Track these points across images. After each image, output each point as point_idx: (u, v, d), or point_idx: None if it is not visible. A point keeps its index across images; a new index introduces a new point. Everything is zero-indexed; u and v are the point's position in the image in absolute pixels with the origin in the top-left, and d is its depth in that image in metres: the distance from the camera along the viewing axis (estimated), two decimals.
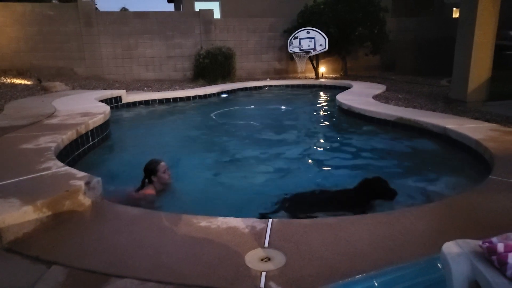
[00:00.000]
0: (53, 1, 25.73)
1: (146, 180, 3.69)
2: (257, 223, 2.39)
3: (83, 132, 4.86)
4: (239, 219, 2.46)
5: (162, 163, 3.70)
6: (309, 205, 3.37)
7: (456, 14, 18.51)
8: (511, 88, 8.37)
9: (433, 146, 4.97)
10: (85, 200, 2.70)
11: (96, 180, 2.85)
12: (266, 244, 2.14)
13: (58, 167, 3.20)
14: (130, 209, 2.73)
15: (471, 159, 4.18)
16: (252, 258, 2.00)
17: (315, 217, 2.92)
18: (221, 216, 2.51)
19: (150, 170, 3.67)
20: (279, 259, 1.99)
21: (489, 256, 1.11)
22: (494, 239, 1.14)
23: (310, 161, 5.05)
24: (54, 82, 9.84)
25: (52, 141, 4.04)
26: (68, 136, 4.39)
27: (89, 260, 2.05)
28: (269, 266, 1.93)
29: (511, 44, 14.40)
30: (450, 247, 1.21)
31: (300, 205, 3.41)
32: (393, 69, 15.16)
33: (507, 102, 7.09)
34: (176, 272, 1.93)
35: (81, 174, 2.98)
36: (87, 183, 2.76)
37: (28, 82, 10.37)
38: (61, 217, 2.51)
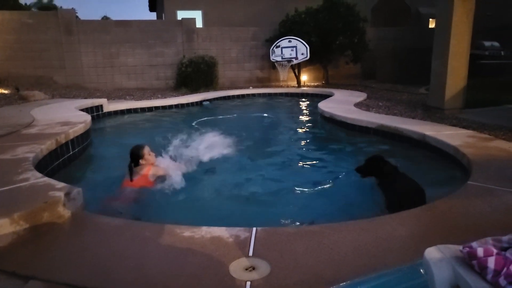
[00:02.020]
0: (33, 9, 25.36)
1: (133, 164, 3.97)
2: (241, 232, 2.38)
3: (63, 141, 4.76)
4: (223, 228, 2.44)
5: (146, 147, 4.10)
6: None
7: (432, 24, 19.03)
8: (485, 95, 8.63)
9: (413, 152, 5.06)
10: (65, 212, 2.64)
11: (77, 191, 2.79)
12: (251, 253, 2.13)
13: (36, 178, 3.12)
14: (111, 220, 2.68)
15: (450, 165, 4.27)
16: (237, 268, 1.99)
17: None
18: (205, 225, 2.49)
19: (137, 155, 4.02)
20: (263, 268, 1.98)
21: (469, 260, 1.13)
22: (474, 244, 1.16)
23: (293, 168, 5.06)
24: (32, 91, 9.63)
25: (30, 151, 3.95)
26: (47, 146, 4.29)
27: (68, 274, 1.99)
28: (254, 275, 1.92)
29: (485, 53, 14.90)
30: (432, 253, 1.23)
31: None
32: (373, 77, 15.45)
33: (482, 110, 7.30)
34: (159, 283, 1.90)
35: (61, 185, 2.91)
36: (67, 194, 2.70)
37: (6, 91, 10.13)
38: (39, 230, 2.44)
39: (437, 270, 1.17)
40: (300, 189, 4.27)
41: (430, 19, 19.73)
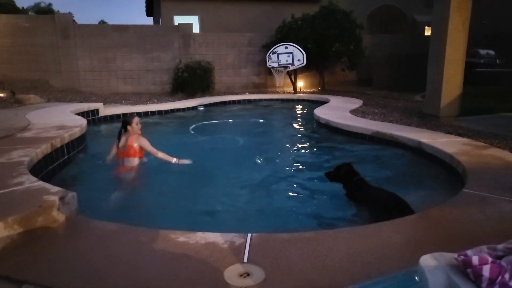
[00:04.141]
0: (30, 13, 25.35)
1: (123, 130, 4.77)
2: (236, 238, 2.37)
3: (58, 145, 4.74)
4: (218, 234, 2.43)
5: (136, 117, 4.83)
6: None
7: (428, 32, 19.18)
8: (481, 103, 8.69)
9: (408, 159, 5.08)
10: (59, 216, 2.62)
11: (71, 195, 2.78)
12: (245, 259, 2.12)
13: (31, 182, 3.11)
14: (106, 224, 2.66)
15: (445, 173, 4.29)
16: (231, 274, 1.98)
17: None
18: (199, 231, 2.48)
19: (126, 121, 4.76)
20: (258, 274, 1.98)
21: (464, 269, 1.13)
22: (469, 252, 1.17)
23: (288, 174, 5.06)
24: (28, 95, 9.61)
25: (25, 155, 3.93)
26: (42, 150, 4.27)
27: (62, 279, 1.98)
28: (248, 281, 1.91)
29: (480, 61, 15.03)
30: (427, 260, 1.23)
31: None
32: (369, 84, 15.51)
33: (477, 117, 7.35)
34: None
35: (56, 189, 2.90)
36: (62, 198, 2.68)
37: (1, 95, 10.09)
38: (33, 234, 2.42)
39: (432, 278, 1.17)
40: (295, 194, 4.27)
41: (426, 27, 19.88)
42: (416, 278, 1.29)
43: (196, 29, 16.20)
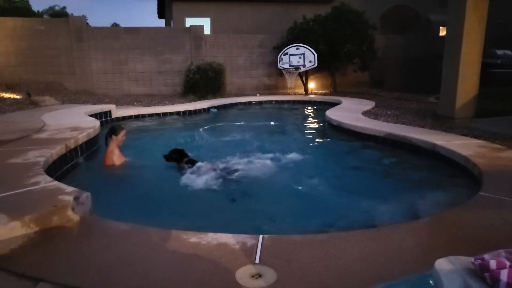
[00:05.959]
0: (45, 16, 25.79)
1: (109, 137, 4.91)
2: (248, 239, 2.37)
3: (73, 146, 4.81)
4: (229, 235, 2.43)
5: (125, 130, 5.06)
6: None
7: (442, 32, 18.93)
8: (497, 105, 8.54)
9: (422, 162, 5.01)
10: (74, 216, 2.66)
11: (85, 196, 2.81)
12: (257, 261, 2.12)
13: (46, 182, 3.16)
14: (119, 224, 2.69)
15: (460, 175, 4.22)
16: (243, 275, 1.98)
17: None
18: (211, 231, 2.48)
19: (114, 129, 4.95)
20: (270, 275, 1.97)
21: (481, 273, 1.11)
22: (486, 256, 1.14)
23: (299, 176, 5.04)
24: (43, 97, 9.78)
25: (41, 156, 3.99)
26: (57, 150, 4.34)
27: (76, 277, 2.00)
28: (260, 283, 1.91)
29: (497, 62, 14.78)
30: (443, 264, 1.21)
31: None
32: (381, 85, 15.37)
33: (494, 119, 7.22)
34: None
35: (70, 189, 2.94)
36: (76, 199, 2.72)
37: (18, 96, 10.28)
38: (49, 233, 2.46)
39: (448, 282, 1.15)
40: (306, 196, 4.24)
41: (441, 27, 19.61)
42: (431, 282, 1.27)
43: (207, 31, 16.28)
